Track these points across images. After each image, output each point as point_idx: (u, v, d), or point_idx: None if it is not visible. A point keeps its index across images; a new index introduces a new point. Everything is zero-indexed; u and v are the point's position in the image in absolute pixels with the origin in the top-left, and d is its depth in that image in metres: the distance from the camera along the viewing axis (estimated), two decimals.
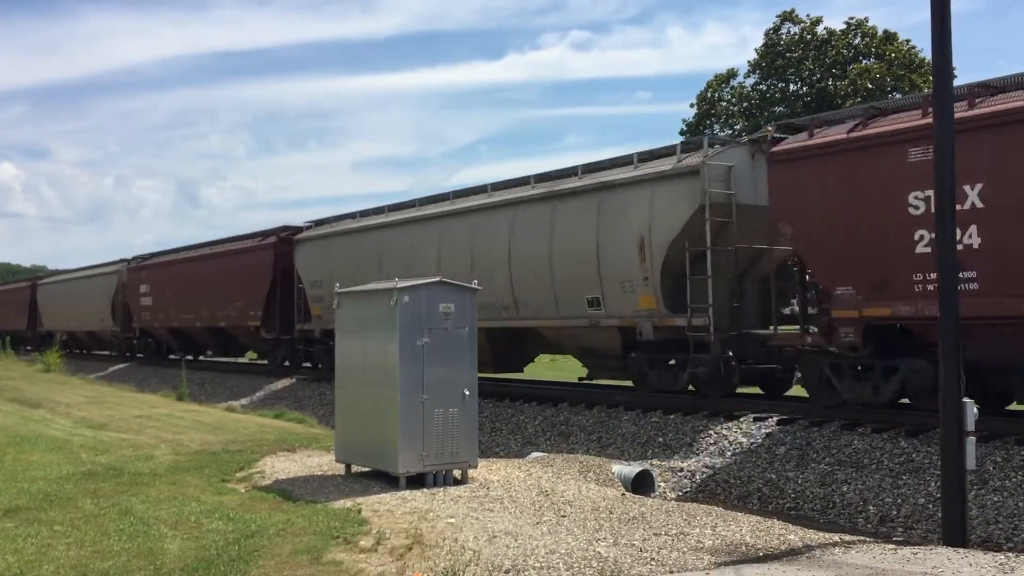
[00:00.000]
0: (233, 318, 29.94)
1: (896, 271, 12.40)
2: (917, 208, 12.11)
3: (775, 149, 14.24)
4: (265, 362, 31.19)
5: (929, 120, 11.13)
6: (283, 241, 27.88)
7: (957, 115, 8.47)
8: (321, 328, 25.17)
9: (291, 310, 27.14)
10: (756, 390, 16.94)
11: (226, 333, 31.65)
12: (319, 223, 27.14)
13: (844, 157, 13.08)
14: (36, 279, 53.66)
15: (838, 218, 13.12)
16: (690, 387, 16.27)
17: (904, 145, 12.30)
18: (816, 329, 13.80)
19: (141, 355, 38.34)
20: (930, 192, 10.85)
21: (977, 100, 11.89)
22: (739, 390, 16.40)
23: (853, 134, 13.13)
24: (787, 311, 16.12)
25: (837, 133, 13.49)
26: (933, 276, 11.12)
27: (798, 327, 14.54)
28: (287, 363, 28.53)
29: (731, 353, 15.61)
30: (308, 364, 27.72)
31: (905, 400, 13.55)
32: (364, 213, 25.23)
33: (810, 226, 13.56)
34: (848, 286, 13.09)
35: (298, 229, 27.67)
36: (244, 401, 25.31)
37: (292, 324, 27.10)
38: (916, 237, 12.15)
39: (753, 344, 15.52)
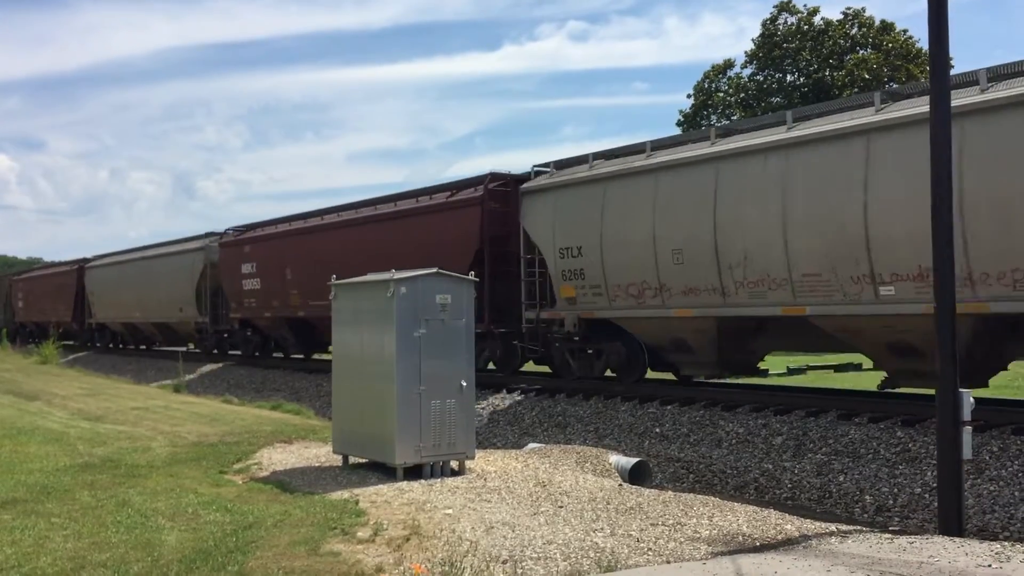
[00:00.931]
0: None
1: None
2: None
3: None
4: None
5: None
6: (494, 195, 19.60)
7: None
8: (578, 316, 17.57)
9: (508, 290, 19.15)
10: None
11: None
12: (563, 164, 18.97)
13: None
14: (83, 262, 43.50)
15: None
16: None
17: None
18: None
19: (239, 351, 30.72)
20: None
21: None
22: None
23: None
24: None
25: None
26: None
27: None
28: (503, 365, 20.30)
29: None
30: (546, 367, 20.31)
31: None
32: (658, 144, 16.97)
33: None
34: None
35: (522, 177, 19.59)
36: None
37: (514, 311, 19.11)
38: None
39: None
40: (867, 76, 39.76)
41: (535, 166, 19.58)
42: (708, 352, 15.75)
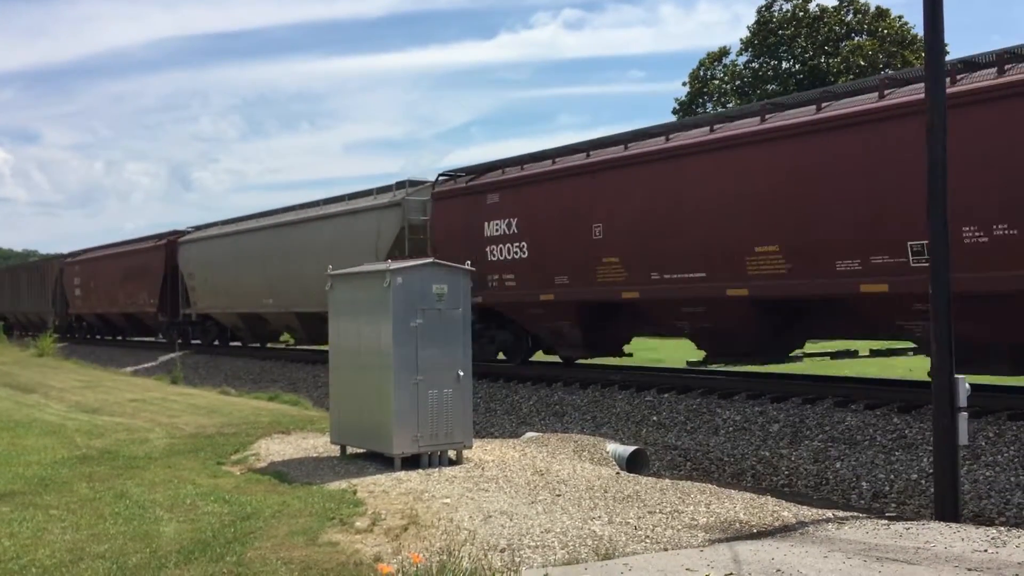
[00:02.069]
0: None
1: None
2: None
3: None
4: None
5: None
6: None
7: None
8: None
9: None
10: None
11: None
12: None
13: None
14: (174, 234, 34.45)
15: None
16: None
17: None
18: None
19: (502, 358, 20.51)
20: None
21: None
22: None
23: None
24: None
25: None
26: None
27: None
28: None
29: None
30: None
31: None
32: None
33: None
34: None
35: None
36: None
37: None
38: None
39: None
40: (863, 63, 39.73)
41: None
42: None
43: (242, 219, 31.49)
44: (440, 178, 20.96)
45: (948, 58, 10.59)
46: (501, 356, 20.39)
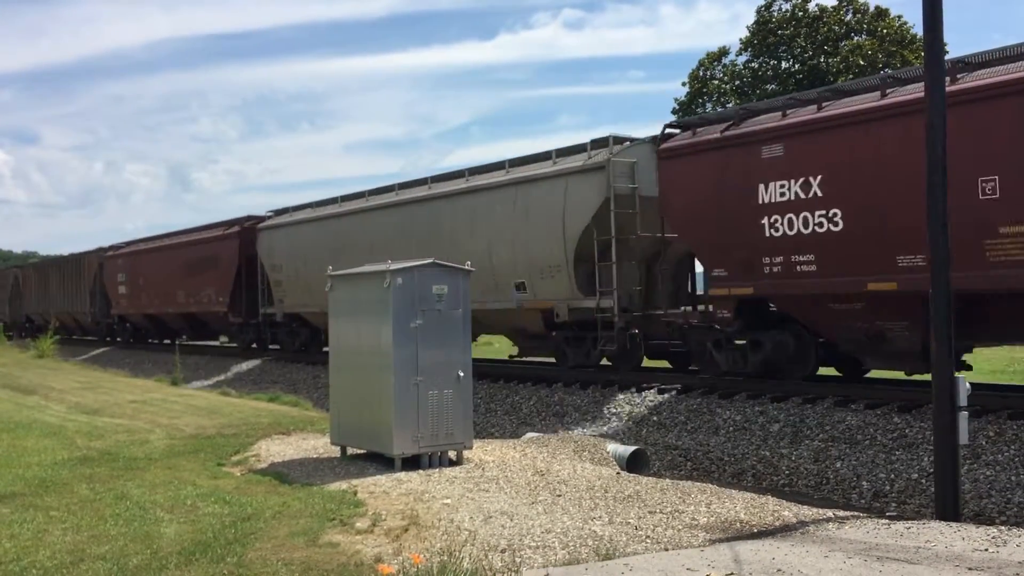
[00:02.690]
0: None
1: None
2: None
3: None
4: None
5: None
6: None
7: None
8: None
9: None
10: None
11: None
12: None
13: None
14: (252, 220, 29.22)
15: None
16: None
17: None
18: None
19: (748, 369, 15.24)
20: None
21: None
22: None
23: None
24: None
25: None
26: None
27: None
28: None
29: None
30: None
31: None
32: None
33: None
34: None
35: None
36: None
37: None
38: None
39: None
40: (862, 62, 39.73)
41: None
42: None
43: (347, 198, 25.31)
44: (669, 130, 16.29)
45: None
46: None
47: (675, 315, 16.28)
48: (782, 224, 13.70)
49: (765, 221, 13.89)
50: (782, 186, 13.73)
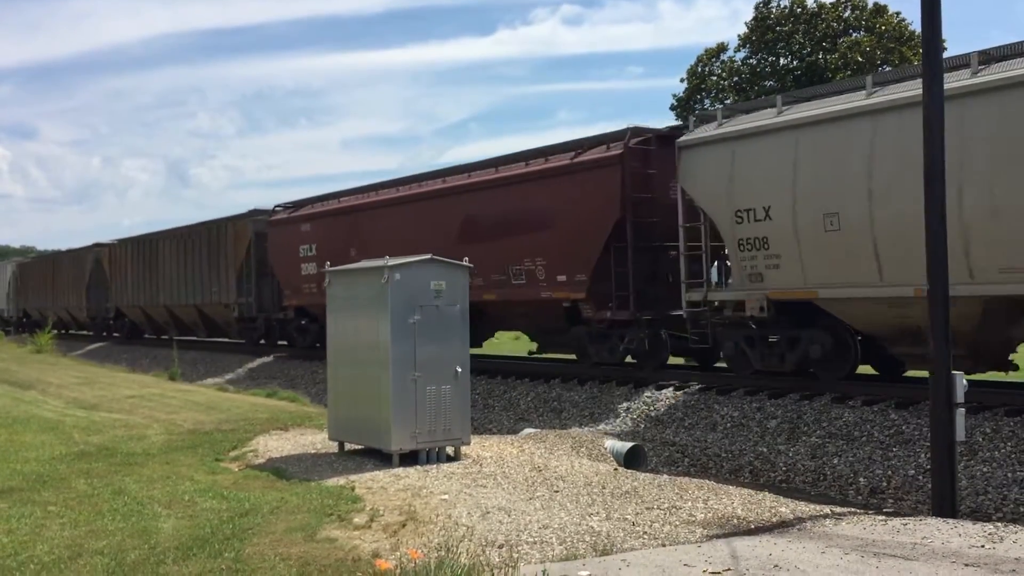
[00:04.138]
0: None
1: None
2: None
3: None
4: None
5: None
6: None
7: None
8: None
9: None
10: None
11: None
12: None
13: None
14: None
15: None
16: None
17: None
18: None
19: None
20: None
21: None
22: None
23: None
24: None
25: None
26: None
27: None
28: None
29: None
30: None
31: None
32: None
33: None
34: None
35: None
36: None
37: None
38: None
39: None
40: (860, 59, 39.72)
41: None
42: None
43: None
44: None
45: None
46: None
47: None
48: None
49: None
50: None
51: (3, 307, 52.87)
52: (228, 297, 29.04)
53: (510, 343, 29.06)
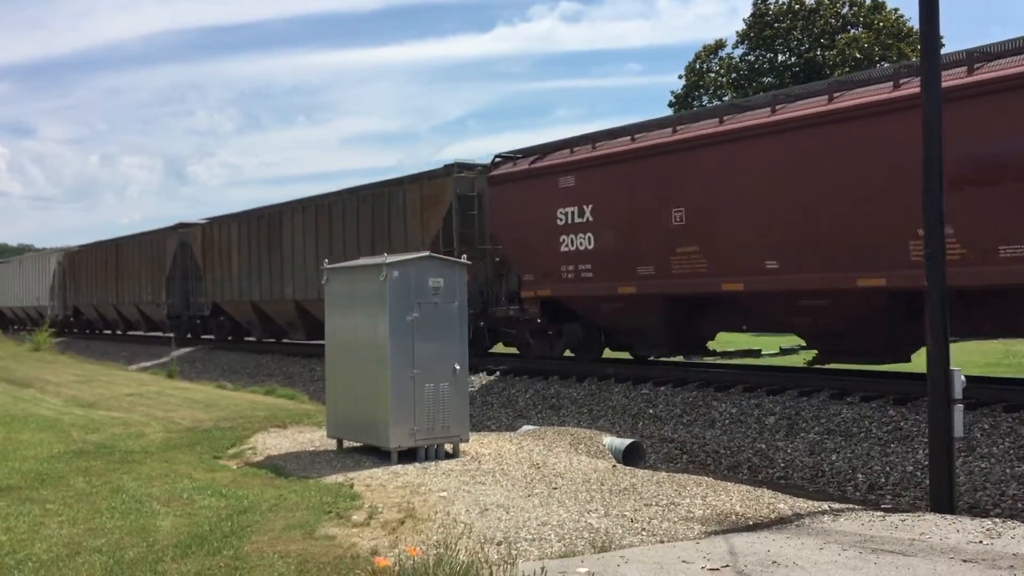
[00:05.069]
0: None
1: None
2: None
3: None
4: None
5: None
6: None
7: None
8: None
9: None
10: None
11: None
12: None
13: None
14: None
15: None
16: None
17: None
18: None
19: None
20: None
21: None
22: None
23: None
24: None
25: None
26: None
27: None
28: None
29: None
30: None
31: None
32: None
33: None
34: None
35: None
36: None
37: None
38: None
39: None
40: (858, 55, 39.73)
41: None
42: None
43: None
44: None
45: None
46: None
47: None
48: None
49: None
50: None
51: (46, 304, 45.05)
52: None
53: None
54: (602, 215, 16.33)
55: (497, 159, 19.40)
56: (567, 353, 18.80)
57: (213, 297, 30.80)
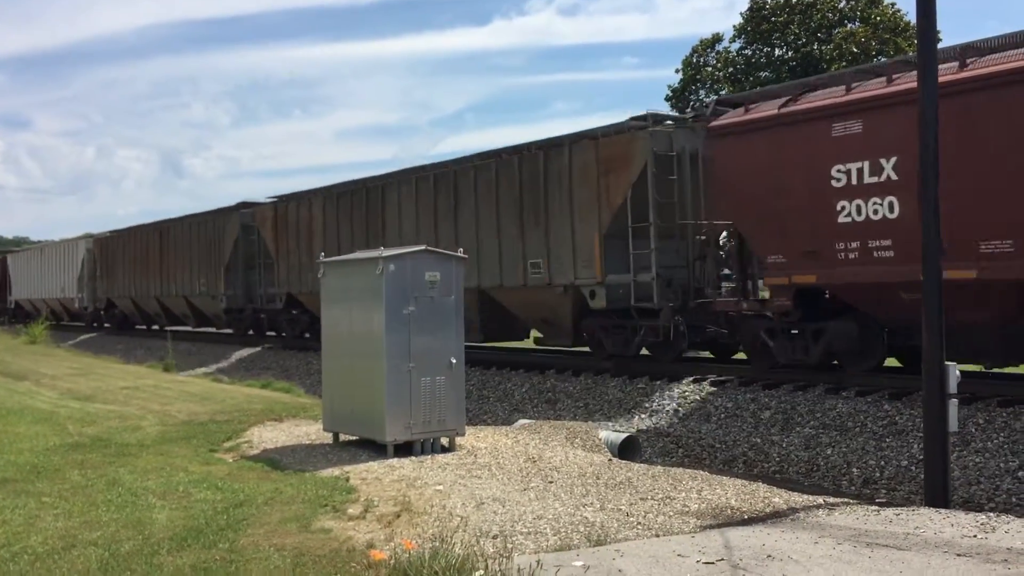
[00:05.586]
0: None
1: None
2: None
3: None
4: None
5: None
6: None
7: None
8: None
9: None
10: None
11: None
12: None
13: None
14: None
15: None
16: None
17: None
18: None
19: None
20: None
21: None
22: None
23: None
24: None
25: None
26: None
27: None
28: None
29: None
30: None
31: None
32: None
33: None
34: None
35: None
36: None
37: None
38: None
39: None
40: (855, 49, 39.70)
41: None
42: None
43: None
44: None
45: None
46: None
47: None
48: None
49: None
50: None
51: (72, 296, 40.36)
52: (588, 272, 16.63)
53: None
54: (913, 171, 9.47)
55: (719, 107, 15.24)
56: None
57: (288, 288, 26.10)
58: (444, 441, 9.91)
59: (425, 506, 7.30)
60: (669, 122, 16.34)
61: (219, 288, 29.23)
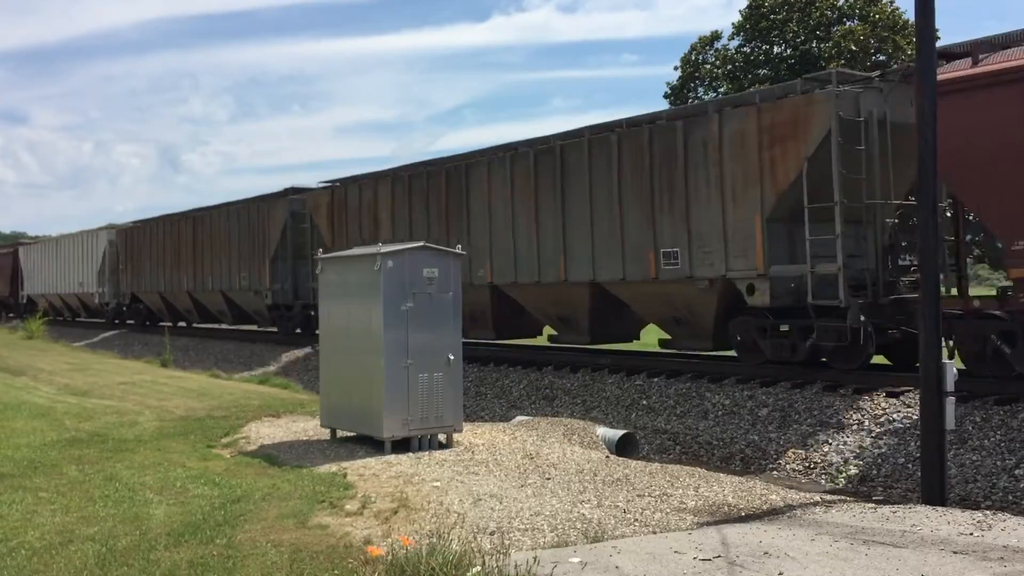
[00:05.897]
0: None
1: None
2: None
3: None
4: None
5: None
6: None
7: None
8: None
9: None
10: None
11: None
12: None
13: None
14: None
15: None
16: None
17: None
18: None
19: None
20: None
21: None
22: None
23: None
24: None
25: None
26: None
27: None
28: None
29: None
30: None
31: None
32: None
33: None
34: None
35: None
36: None
37: None
38: None
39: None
40: (854, 47, 39.70)
41: None
42: None
43: None
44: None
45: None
46: None
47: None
48: None
49: None
50: None
51: (92, 291, 37.83)
52: (745, 263, 14.15)
53: None
54: None
55: (942, 60, 11.64)
56: None
57: None
58: (442, 437, 9.92)
59: (422, 502, 7.31)
60: (853, 84, 13.53)
61: (264, 282, 26.44)
